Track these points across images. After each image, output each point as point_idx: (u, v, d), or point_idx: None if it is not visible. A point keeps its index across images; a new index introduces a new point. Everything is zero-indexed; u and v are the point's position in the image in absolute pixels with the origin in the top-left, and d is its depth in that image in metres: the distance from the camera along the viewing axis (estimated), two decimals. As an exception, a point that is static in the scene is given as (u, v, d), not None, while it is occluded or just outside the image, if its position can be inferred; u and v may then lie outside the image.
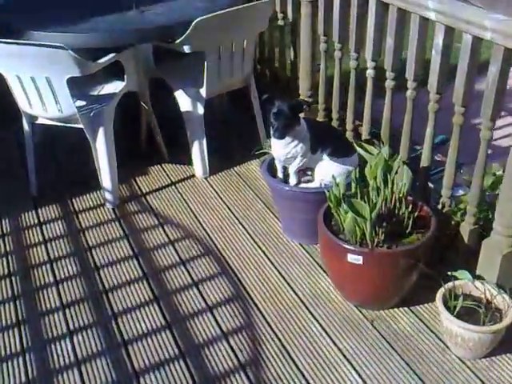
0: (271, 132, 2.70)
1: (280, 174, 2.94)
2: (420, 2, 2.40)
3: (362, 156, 2.65)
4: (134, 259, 2.99)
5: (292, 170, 2.85)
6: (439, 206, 2.61)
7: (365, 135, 3.10)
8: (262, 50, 3.99)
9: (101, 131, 3.23)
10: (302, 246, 3.01)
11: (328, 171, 2.80)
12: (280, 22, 3.71)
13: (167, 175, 3.69)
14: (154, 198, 3.47)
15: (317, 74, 3.47)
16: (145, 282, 2.83)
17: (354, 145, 2.72)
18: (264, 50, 4.01)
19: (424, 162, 2.68)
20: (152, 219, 3.29)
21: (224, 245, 3.06)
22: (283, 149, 2.76)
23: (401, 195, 2.42)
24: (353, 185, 2.48)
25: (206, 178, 3.63)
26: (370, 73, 2.97)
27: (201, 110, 3.47)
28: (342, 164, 2.79)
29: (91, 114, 3.21)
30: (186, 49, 3.16)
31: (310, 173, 2.93)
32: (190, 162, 3.65)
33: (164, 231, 3.19)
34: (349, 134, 3.24)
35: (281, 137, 2.61)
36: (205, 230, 3.19)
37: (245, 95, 3.68)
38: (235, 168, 3.72)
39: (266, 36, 3.99)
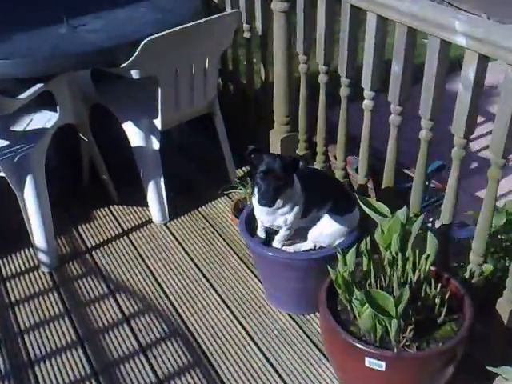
0: (255, 193, 2.11)
1: (261, 233, 2.34)
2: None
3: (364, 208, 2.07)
4: (80, 348, 2.34)
5: (277, 240, 2.29)
6: (466, 275, 2.08)
7: (361, 177, 2.53)
8: (224, 64, 3.34)
9: (29, 180, 2.54)
10: (291, 317, 2.44)
11: (325, 231, 2.23)
12: (246, 35, 3.08)
13: (117, 221, 3.03)
14: (102, 255, 2.82)
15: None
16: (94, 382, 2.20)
17: (356, 197, 2.13)
18: (227, 64, 3.36)
19: (444, 217, 2.14)
20: (100, 286, 2.64)
21: (195, 320, 2.45)
22: (269, 216, 2.17)
23: (426, 271, 1.87)
24: (364, 260, 1.91)
25: (165, 224, 3.00)
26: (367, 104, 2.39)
27: (156, 144, 2.82)
28: (342, 222, 2.22)
29: (15, 160, 2.52)
30: (134, 74, 2.50)
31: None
32: (145, 203, 2.99)
33: (116, 302, 2.55)
34: (339, 174, 2.67)
35: (270, 204, 2.02)
36: (168, 297, 2.57)
37: (208, 120, 3.05)
38: (201, 209, 3.10)
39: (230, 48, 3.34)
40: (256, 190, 2.07)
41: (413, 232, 1.90)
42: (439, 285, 1.89)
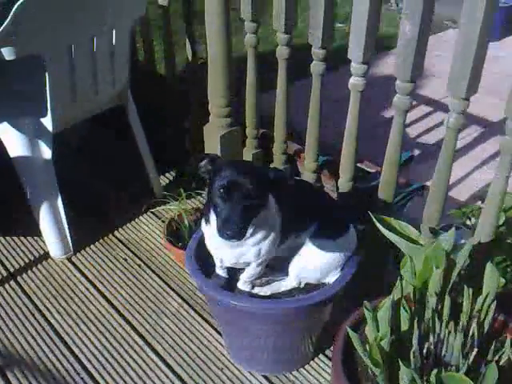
0: (211, 219, 1.43)
1: (221, 271, 1.65)
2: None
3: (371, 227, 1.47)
4: None
5: (244, 281, 1.62)
6: None
7: (344, 181, 1.90)
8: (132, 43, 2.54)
9: None
10: (268, 380, 1.77)
11: (311, 263, 1.59)
12: (162, 1, 2.32)
13: (-1, 260, 2.19)
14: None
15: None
16: None
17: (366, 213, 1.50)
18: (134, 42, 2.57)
19: (485, 234, 1.55)
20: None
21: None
22: (233, 250, 1.49)
23: (490, 322, 1.30)
24: (402, 317, 1.29)
25: (68, 259, 2.20)
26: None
27: (47, 152, 2.01)
28: (335, 249, 1.58)
29: None
30: (7, 53, 1.68)
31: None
32: (37, 232, 2.18)
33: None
34: (309, 179, 2.02)
35: (238, 236, 1.32)
36: (86, 370, 1.81)
37: (117, 115, 2.27)
38: (118, 234, 2.33)
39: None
40: (213, 214, 1.38)
41: (458, 263, 1.31)
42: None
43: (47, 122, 1.94)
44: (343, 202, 1.82)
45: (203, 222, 1.53)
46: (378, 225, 1.34)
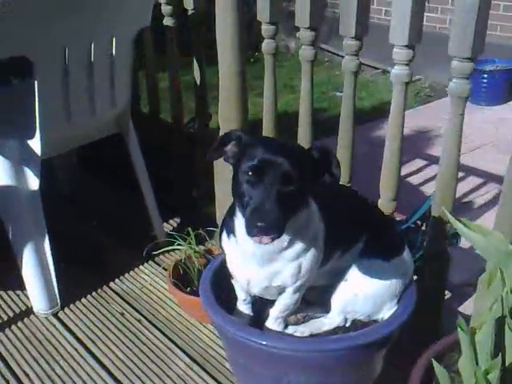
0: (239, 225, 1.12)
1: (244, 307, 1.30)
2: None
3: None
4: None
5: (275, 317, 1.26)
6: None
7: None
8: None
9: None
10: None
11: (362, 291, 1.24)
12: (168, 21, 2.12)
13: (-29, 318, 1.82)
14: None
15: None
16: None
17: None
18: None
19: None
20: None
21: None
22: (264, 267, 1.15)
23: None
24: (510, 338, 0.93)
25: (55, 315, 1.83)
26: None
27: (33, 182, 1.71)
28: (390, 273, 1.24)
29: None
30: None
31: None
32: (19, 284, 1.83)
33: None
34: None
35: (273, 230, 0.98)
36: None
37: (112, 148, 2.00)
38: (113, 285, 1.98)
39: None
40: (238, 217, 1.06)
41: None
42: None
43: (35, 144, 1.66)
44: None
45: (224, 235, 1.21)
46: (459, 226, 1.02)
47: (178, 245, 1.81)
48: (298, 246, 1.12)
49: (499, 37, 4.43)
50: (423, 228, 1.62)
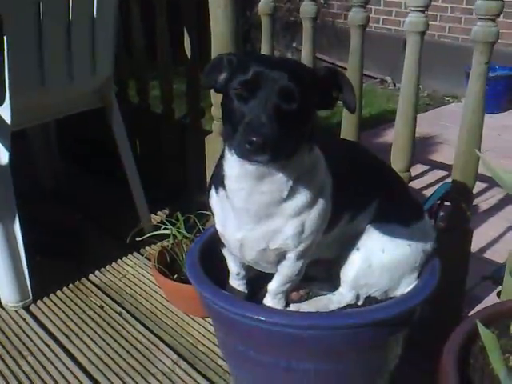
0: (230, 171, 0.94)
1: (237, 283, 1.11)
2: None
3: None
4: None
5: (274, 291, 1.06)
6: None
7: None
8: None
9: None
10: None
11: (376, 261, 1.05)
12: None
13: None
14: None
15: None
16: None
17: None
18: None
19: None
20: None
21: None
22: (261, 223, 0.96)
23: None
24: None
25: (26, 308, 1.64)
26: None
27: (2, 155, 1.53)
28: (410, 240, 1.06)
29: None
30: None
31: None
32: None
33: None
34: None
35: (270, 149, 0.80)
36: None
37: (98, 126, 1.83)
38: (93, 277, 1.79)
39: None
40: (231, 134, 0.86)
41: None
42: None
43: (4, 112, 1.48)
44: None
45: (212, 191, 1.03)
46: (491, 167, 0.84)
47: (165, 229, 1.62)
48: (301, 198, 0.94)
49: (500, 44, 4.34)
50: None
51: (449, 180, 3.17)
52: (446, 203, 1.97)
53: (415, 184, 2.92)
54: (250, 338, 1.02)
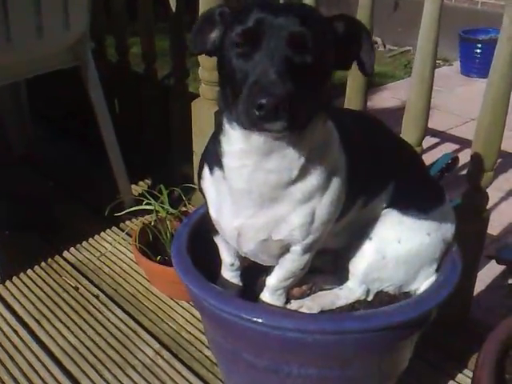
0: (227, 142, 0.79)
1: (231, 275, 0.97)
2: None
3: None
4: None
5: (274, 286, 0.91)
6: None
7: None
8: None
9: None
10: None
11: (390, 252, 0.92)
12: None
13: None
14: None
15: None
16: None
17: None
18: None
19: None
20: None
21: None
22: (263, 208, 0.80)
23: None
24: None
25: (-6, 289, 1.49)
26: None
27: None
28: (429, 229, 0.92)
29: None
30: None
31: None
32: None
33: None
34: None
35: (282, 113, 0.64)
36: None
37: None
38: (67, 255, 1.64)
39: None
40: (231, 100, 0.71)
41: None
42: None
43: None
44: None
45: (205, 171, 0.87)
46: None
47: (148, 204, 1.46)
48: (312, 180, 0.79)
49: (494, 5, 4.17)
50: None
51: (441, 147, 3.09)
52: (447, 174, 1.87)
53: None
54: (244, 339, 0.89)
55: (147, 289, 1.50)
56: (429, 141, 3.07)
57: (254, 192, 0.78)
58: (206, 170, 0.86)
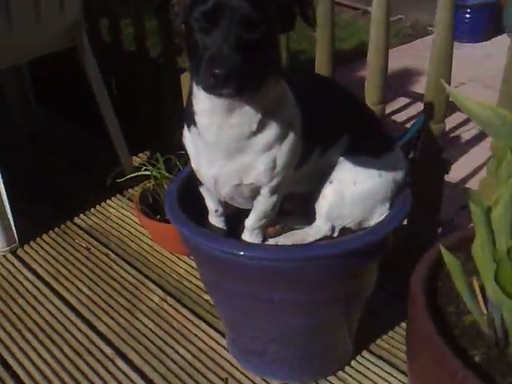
0: (199, 100, 0.94)
1: (216, 220, 1.14)
2: None
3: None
4: None
5: (251, 226, 1.08)
6: None
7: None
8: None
9: None
10: (290, 386, 1.24)
11: (349, 192, 1.08)
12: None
13: None
14: None
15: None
16: None
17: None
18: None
19: None
20: None
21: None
22: (232, 160, 0.98)
23: None
24: None
25: (13, 252, 1.67)
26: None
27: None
28: (381, 170, 1.08)
29: None
30: None
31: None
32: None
33: None
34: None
35: (235, 81, 0.81)
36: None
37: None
38: (78, 220, 1.81)
39: None
40: (196, 69, 0.85)
41: None
42: None
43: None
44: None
45: (185, 129, 1.04)
46: (460, 100, 0.84)
47: (146, 170, 1.63)
48: (271, 131, 0.95)
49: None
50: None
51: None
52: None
53: (399, 117, 2.92)
54: (231, 272, 1.06)
55: (151, 246, 1.67)
56: (421, 106, 3.18)
57: (222, 144, 0.94)
58: (185, 128, 1.02)
